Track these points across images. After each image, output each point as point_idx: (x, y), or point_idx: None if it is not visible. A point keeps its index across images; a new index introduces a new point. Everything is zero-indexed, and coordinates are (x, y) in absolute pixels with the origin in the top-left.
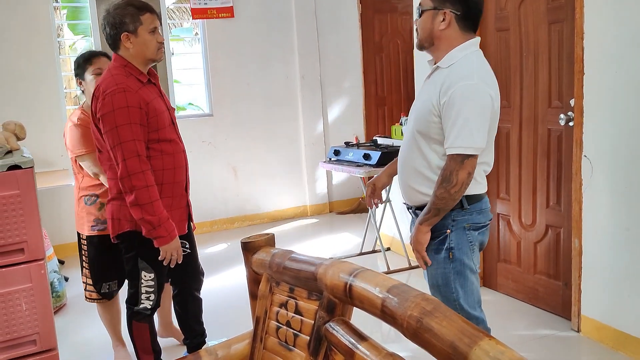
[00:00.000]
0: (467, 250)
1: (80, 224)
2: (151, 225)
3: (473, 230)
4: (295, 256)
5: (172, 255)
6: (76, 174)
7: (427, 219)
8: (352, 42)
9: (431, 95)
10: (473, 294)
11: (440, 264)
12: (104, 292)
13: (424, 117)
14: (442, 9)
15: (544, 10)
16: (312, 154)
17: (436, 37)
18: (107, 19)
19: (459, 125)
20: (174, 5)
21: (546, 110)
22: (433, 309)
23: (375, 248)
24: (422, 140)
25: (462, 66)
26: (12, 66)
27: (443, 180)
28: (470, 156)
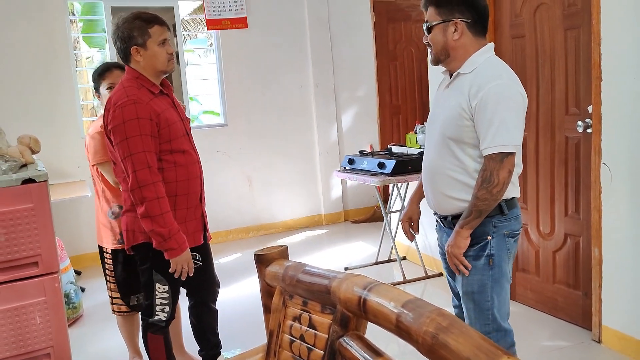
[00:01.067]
0: (505, 258)
1: (103, 238)
2: (162, 237)
3: (510, 238)
4: (308, 269)
5: (183, 268)
6: (96, 185)
7: (468, 222)
8: (366, 51)
9: (459, 100)
10: (505, 304)
11: (478, 271)
12: (133, 304)
13: (455, 123)
14: (452, 19)
15: (560, 17)
16: (327, 162)
17: (451, 48)
18: (117, 33)
19: (495, 124)
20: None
21: (563, 118)
22: (449, 325)
23: (390, 257)
24: (455, 146)
25: (488, 68)
26: (29, 79)
27: (483, 181)
28: (509, 154)
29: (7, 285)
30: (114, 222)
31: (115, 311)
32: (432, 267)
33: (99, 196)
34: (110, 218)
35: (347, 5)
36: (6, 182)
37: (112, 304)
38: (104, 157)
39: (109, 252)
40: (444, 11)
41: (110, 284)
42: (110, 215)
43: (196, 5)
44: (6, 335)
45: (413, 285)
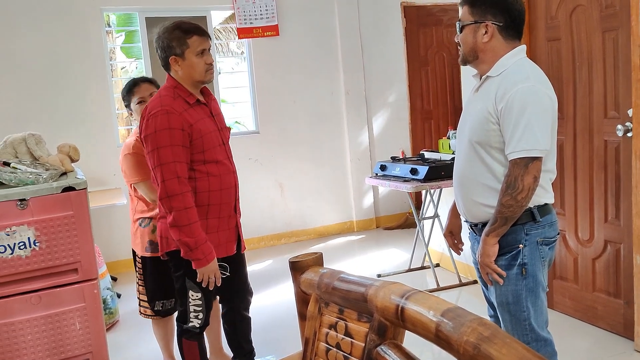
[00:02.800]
0: (540, 266)
1: (135, 243)
2: (188, 247)
3: (545, 245)
4: (344, 276)
5: (210, 278)
6: (132, 197)
7: (494, 229)
8: (397, 56)
9: (486, 104)
10: (542, 313)
11: (511, 281)
12: (157, 309)
13: (482, 127)
14: (484, 21)
15: (597, 18)
16: (358, 169)
17: (480, 50)
18: (158, 42)
19: (520, 128)
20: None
21: (602, 121)
22: (491, 335)
23: (424, 264)
24: (483, 151)
25: (515, 71)
26: (67, 89)
27: (508, 187)
28: (534, 159)
29: (48, 292)
30: (143, 231)
31: (142, 314)
32: (466, 275)
33: (134, 204)
34: (140, 226)
35: (378, 11)
36: (47, 190)
37: (140, 306)
38: (138, 177)
39: (138, 258)
40: (477, 12)
41: (140, 287)
42: (140, 224)
43: (227, 15)
44: (47, 340)
45: (447, 293)
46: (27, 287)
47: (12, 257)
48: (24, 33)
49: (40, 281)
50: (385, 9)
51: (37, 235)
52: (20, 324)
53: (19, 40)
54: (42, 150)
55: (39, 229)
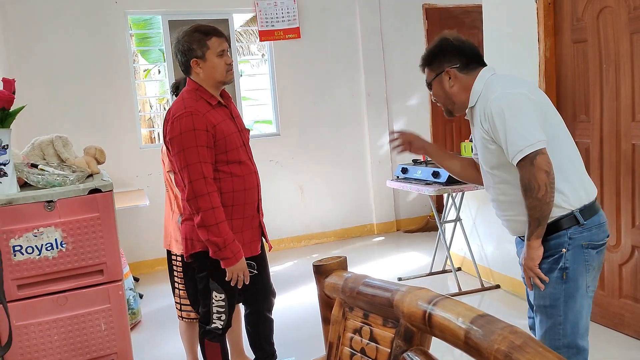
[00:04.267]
0: (583, 271)
1: (172, 244)
2: (217, 247)
3: (591, 249)
4: (369, 281)
5: (239, 276)
6: (168, 191)
7: (532, 232)
8: (418, 59)
9: (479, 132)
10: (582, 319)
11: (550, 284)
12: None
13: (487, 152)
14: (443, 70)
15: (625, 20)
16: (379, 172)
17: (453, 95)
18: (177, 46)
19: (509, 133)
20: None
21: (630, 125)
22: (523, 344)
23: (445, 268)
24: (499, 172)
25: (485, 91)
26: (92, 92)
27: (525, 190)
28: (536, 155)
29: (74, 293)
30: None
31: (184, 318)
32: (488, 279)
33: (170, 202)
34: (179, 224)
35: (399, 13)
36: (74, 192)
37: (181, 310)
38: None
39: (178, 259)
40: (435, 67)
41: (180, 290)
42: (179, 221)
43: (248, 17)
44: (73, 341)
45: (469, 297)
46: (54, 287)
47: (40, 258)
48: (51, 37)
49: (66, 282)
50: (407, 10)
51: (64, 237)
52: (47, 324)
53: (46, 44)
54: (69, 153)
55: (65, 230)
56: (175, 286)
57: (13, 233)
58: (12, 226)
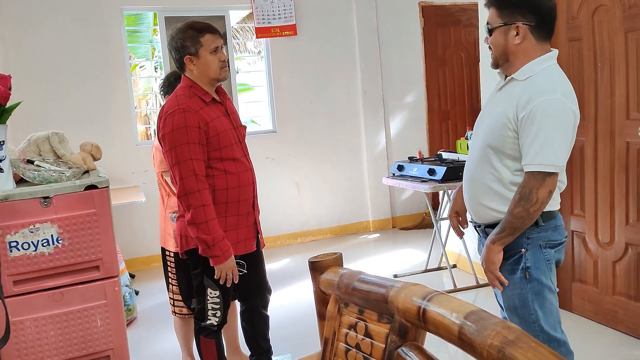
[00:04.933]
0: (545, 269)
1: (165, 240)
2: (206, 245)
3: (549, 248)
4: (364, 277)
5: (227, 275)
6: (162, 191)
7: (500, 238)
8: (415, 56)
9: (506, 108)
10: (553, 314)
11: (516, 285)
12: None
13: (498, 132)
14: (514, 22)
15: (620, 18)
16: (375, 169)
17: (511, 53)
18: (171, 43)
19: (540, 141)
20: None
21: (624, 123)
22: (516, 339)
23: (440, 265)
24: (494, 155)
25: (543, 80)
26: (88, 88)
27: (521, 199)
28: (551, 174)
29: (70, 289)
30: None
31: (177, 313)
32: (483, 276)
33: (164, 200)
34: (173, 221)
35: (396, 11)
36: (70, 188)
37: (174, 306)
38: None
39: (171, 255)
40: (506, 13)
41: (173, 286)
42: (172, 219)
43: (245, 14)
44: (69, 337)
45: (464, 294)
46: (50, 283)
47: (36, 254)
48: (47, 33)
49: (62, 278)
50: (404, 8)
51: (60, 233)
52: (43, 319)
53: (42, 41)
54: (65, 149)
55: (62, 226)
56: (169, 282)
57: (9, 229)
58: (8, 222)
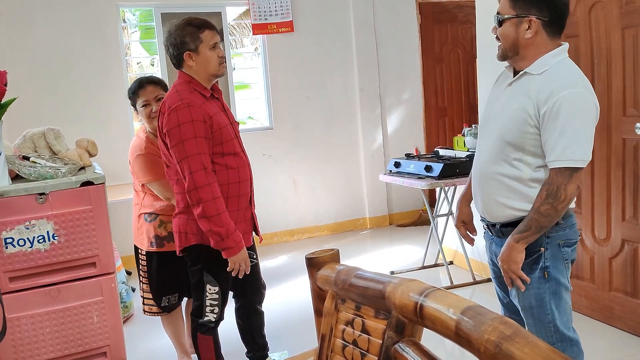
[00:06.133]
0: (563, 268)
1: (139, 239)
2: (219, 237)
3: (567, 247)
4: (361, 273)
5: (241, 266)
6: (137, 191)
7: (526, 237)
8: (412, 53)
9: (524, 104)
10: (567, 313)
11: (533, 285)
12: (164, 305)
13: (517, 128)
14: (527, 16)
15: (617, 15)
16: (372, 166)
17: (522, 46)
18: (169, 40)
19: (567, 136)
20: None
21: (621, 119)
22: (513, 334)
23: (437, 262)
24: (513, 152)
25: (561, 73)
26: (84, 84)
27: (549, 196)
28: (579, 169)
29: (67, 285)
30: (148, 226)
31: (147, 312)
32: (480, 272)
33: (139, 199)
34: (146, 221)
35: (393, 8)
36: (66, 185)
37: (144, 305)
38: (151, 176)
39: (143, 254)
40: (520, 5)
41: (144, 284)
42: (146, 218)
43: (242, 11)
44: (65, 333)
45: (461, 291)
46: (46, 280)
47: (32, 251)
48: (43, 29)
49: (59, 274)
50: (401, 5)
51: (56, 229)
52: (39, 316)
53: (37, 36)
54: (61, 145)
55: (58, 222)
56: (140, 280)
57: (5, 225)
58: (4, 219)
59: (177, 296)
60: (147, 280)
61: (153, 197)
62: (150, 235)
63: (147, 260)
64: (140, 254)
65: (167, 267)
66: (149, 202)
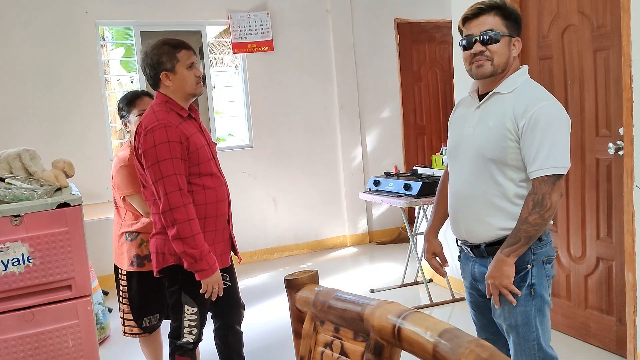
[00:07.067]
0: (546, 285)
1: (119, 259)
2: (193, 259)
3: (548, 264)
4: (340, 295)
5: (214, 289)
6: (119, 209)
7: (516, 249)
8: (390, 72)
9: (501, 120)
10: (548, 330)
11: (520, 302)
12: (145, 326)
13: (497, 144)
14: (516, 36)
15: (589, 38)
16: (352, 184)
17: (509, 65)
18: (146, 60)
19: (547, 145)
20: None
21: (594, 139)
22: (489, 356)
23: (417, 279)
24: (496, 169)
25: (532, 88)
26: (62, 103)
27: (535, 205)
28: (560, 177)
29: (41, 309)
30: (129, 245)
31: (127, 333)
32: (459, 290)
33: (120, 218)
34: (127, 240)
35: (372, 27)
36: (42, 206)
37: (124, 326)
38: (132, 189)
39: (123, 274)
40: (510, 25)
41: (124, 305)
42: (126, 238)
43: (222, 29)
44: (39, 358)
45: (440, 309)
46: (21, 303)
47: (6, 274)
48: (21, 47)
49: (33, 298)
50: (379, 24)
51: (31, 252)
52: (13, 340)
53: (15, 54)
54: (37, 166)
55: (33, 245)
56: (120, 301)
57: None
58: None
59: (158, 316)
60: (128, 301)
61: (134, 215)
62: (131, 254)
63: (128, 280)
64: (121, 274)
65: (148, 287)
66: (130, 221)
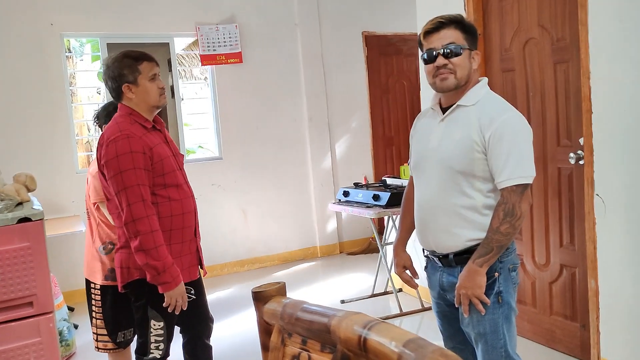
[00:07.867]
0: (512, 292)
1: (92, 273)
2: (156, 271)
3: (513, 272)
4: (307, 307)
5: (177, 302)
6: (92, 221)
7: (488, 259)
8: (359, 84)
9: (467, 132)
10: (514, 337)
11: (488, 310)
12: (119, 341)
13: (465, 155)
14: (474, 49)
15: (549, 51)
16: (322, 195)
17: (470, 78)
18: (107, 73)
19: (515, 156)
20: (183, 52)
21: (555, 149)
22: None
23: (387, 289)
24: (464, 181)
25: (494, 100)
26: (26, 115)
27: (506, 215)
28: (527, 186)
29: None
30: (105, 258)
31: (100, 348)
32: (428, 300)
33: (92, 230)
34: (102, 253)
35: (340, 40)
36: (2, 221)
37: (97, 341)
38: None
39: (97, 288)
40: (470, 38)
41: (97, 320)
42: (101, 251)
43: (190, 41)
44: None
45: (410, 318)
46: None
47: None
48: None
49: None
50: (347, 37)
51: None
52: None
53: None
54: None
55: None
56: (92, 316)
57: None
58: None
59: (132, 331)
60: (102, 316)
61: (109, 227)
62: (105, 268)
63: (102, 294)
64: (94, 289)
65: (123, 302)
66: (105, 233)
